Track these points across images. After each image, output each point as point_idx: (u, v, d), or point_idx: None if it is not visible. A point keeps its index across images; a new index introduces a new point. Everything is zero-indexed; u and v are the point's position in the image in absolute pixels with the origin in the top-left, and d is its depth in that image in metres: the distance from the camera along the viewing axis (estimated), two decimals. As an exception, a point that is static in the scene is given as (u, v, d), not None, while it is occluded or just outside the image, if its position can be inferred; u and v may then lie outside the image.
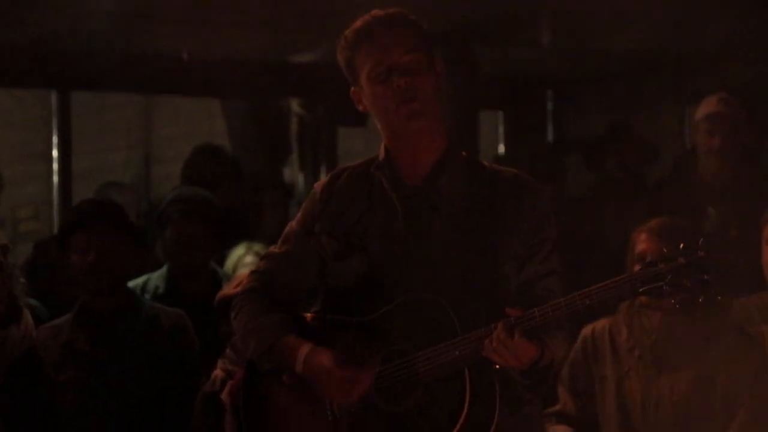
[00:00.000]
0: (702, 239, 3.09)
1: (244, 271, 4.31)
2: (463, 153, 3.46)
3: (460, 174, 3.40)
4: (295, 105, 8.04)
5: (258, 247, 6.16)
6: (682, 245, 3.10)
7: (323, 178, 3.60)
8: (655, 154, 6.98)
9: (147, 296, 5.35)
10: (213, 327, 4.77)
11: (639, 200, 6.40)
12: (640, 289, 3.12)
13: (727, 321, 4.68)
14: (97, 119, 8.43)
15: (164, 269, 5.53)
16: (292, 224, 3.56)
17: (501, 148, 8.34)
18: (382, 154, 3.45)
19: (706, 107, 5.93)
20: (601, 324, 4.73)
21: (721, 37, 6.77)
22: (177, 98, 8.46)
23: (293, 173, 8.12)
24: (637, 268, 4.57)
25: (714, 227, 5.64)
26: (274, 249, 3.57)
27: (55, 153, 7.33)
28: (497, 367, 3.21)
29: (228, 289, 4.39)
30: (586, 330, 4.74)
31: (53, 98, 7.28)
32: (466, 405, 3.22)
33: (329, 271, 3.48)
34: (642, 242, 4.63)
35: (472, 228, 3.34)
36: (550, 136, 8.33)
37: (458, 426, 3.22)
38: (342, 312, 3.44)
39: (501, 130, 8.35)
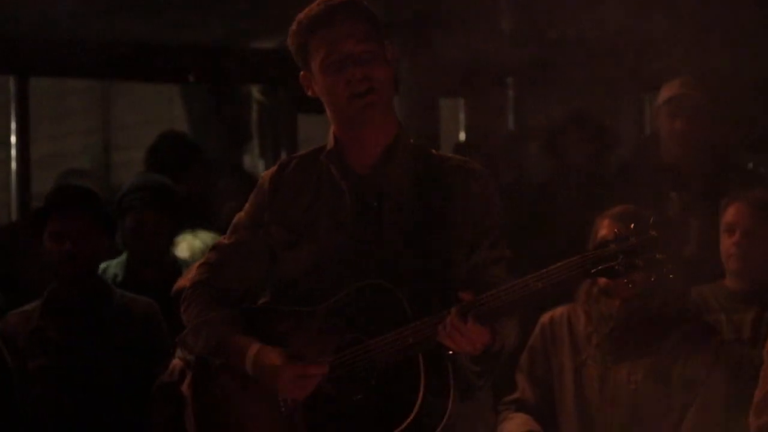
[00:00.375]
0: (653, 219, 3.09)
1: (198, 262, 4.28)
2: (411, 140, 3.45)
3: (408, 161, 3.39)
4: (255, 91, 8.01)
5: (204, 235, 6.14)
6: (633, 225, 3.10)
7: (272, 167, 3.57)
8: (616, 140, 6.99)
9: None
10: (172, 316, 4.75)
11: (599, 187, 6.41)
12: (592, 270, 3.10)
13: (685, 309, 4.70)
14: (56, 105, 8.39)
15: (123, 257, 5.51)
16: (241, 215, 3.53)
17: (462, 136, 8.34)
18: (331, 142, 3.42)
19: (668, 90, 5.94)
20: (560, 311, 4.74)
21: (681, 23, 6.78)
22: (136, 84, 8.43)
23: (254, 160, 8.11)
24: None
25: (677, 213, 5.65)
26: (223, 240, 3.54)
27: (13, 139, 7.27)
28: (450, 352, 3.21)
29: (185, 280, 4.37)
30: (545, 317, 4.75)
31: (11, 84, 7.21)
32: (421, 392, 3.21)
33: (279, 260, 3.46)
34: (604, 227, 4.64)
35: (421, 214, 3.34)
36: (511, 124, 8.33)
37: (413, 413, 3.20)
38: (293, 302, 3.42)
39: (462, 117, 8.35)
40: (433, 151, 3.49)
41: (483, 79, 8.04)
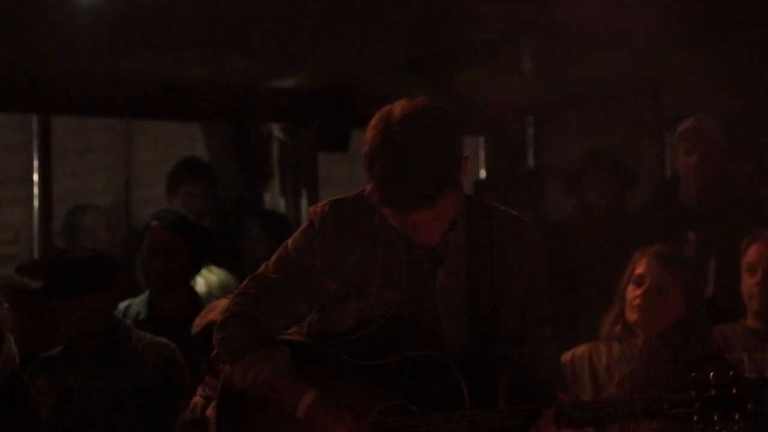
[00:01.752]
0: (732, 372, 3.12)
1: (218, 302, 4.28)
2: (467, 195, 3.38)
3: (466, 228, 3.33)
4: (276, 130, 8.03)
5: (218, 271, 6.16)
6: (712, 374, 3.14)
7: (319, 203, 3.44)
8: (635, 180, 6.99)
9: (128, 321, 5.34)
10: (193, 352, 4.76)
11: (619, 225, 6.41)
12: (668, 411, 3.15)
13: (707, 348, 4.68)
14: (78, 143, 8.43)
15: (145, 295, 5.53)
16: (289, 250, 3.43)
17: (482, 173, 8.35)
18: None
19: (684, 126, 5.95)
20: (581, 350, 4.73)
21: (701, 64, 6.79)
22: (157, 122, 8.45)
23: (274, 198, 8.12)
24: (631, 287, 4.63)
25: (693, 253, 5.65)
26: (267, 273, 3.45)
27: (35, 177, 7.30)
28: None
29: (199, 320, 4.36)
30: (566, 356, 4.74)
31: (34, 122, 7.25)
32: None
33: (326, 310, 3.41)
34: (642, 266, 4.64)
35: (475, 280, 3.31)
36: (530, 162, 8.33)
37: None
38: (336, 349, 3.36)
39: (482, 155, 8.36)
40: (487, 203, 3.42)
41: (503, 117, 8.06)
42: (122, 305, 5.44)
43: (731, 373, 3.12)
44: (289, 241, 3.45)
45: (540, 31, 6.67)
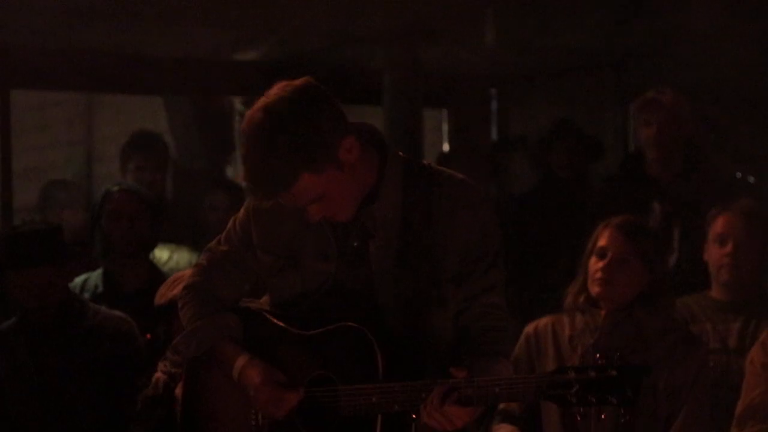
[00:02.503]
0: (618, 354, 3.05)
1: (184, 272, 4.27)
2: (400, 153, 3.38)
3: (396, 190, 3.32)
4: (238, 103, 8.01)
5: (181, 252, 6.16)
6: (598, 355, 3.07)
7: None
8: (600, 151, 7.00)
9: (86, 294, 5.34)
10: (154, 325, 4.76)
11: (584, 198, 6.42)
12: (548, 392, 3.07)
13: (670, 319, 4.69)
14: (38, 117, 8.35)
15: (103, 268, 5.51)
16: (235, 224, 3.54)
17: (445, 146, 8.35)
18: None
19: (642, 97, 5.96)
20: (544, 321, 4.73)
21: (663, 34, 6.80)
22: (119, 96, 8.40)
23: (236, 171, 8.09)
24: (594, 260, 4.63)
25: (658, 224, 5.66)
26: (217, 245, 3.58)
27: (-5, 152, 7.24)
28: (414, 416, 3.18)
29: (165, 290, 4.36)
30: (529, 327, 4.74)
31: (-7, 96, 7.18)
32: None
33: (267, 284, 3.49)
34: (605, 238, 4.63)
35: (409, 250, 3.30)
36: (493, 134, 8.34)
37: None
38: (287, 317, 3.43)
39: (445, 127, 8.36)
40: (426, 164, 3.40)
41: (466, 90, 8.06)
42: (79, 279, 5.43)
43: (616, 356, 3.05)
44: (237, 215, 3.54)
45: (503, 3, 6.66)
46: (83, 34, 6.81)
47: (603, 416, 3.04)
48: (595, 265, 4.64)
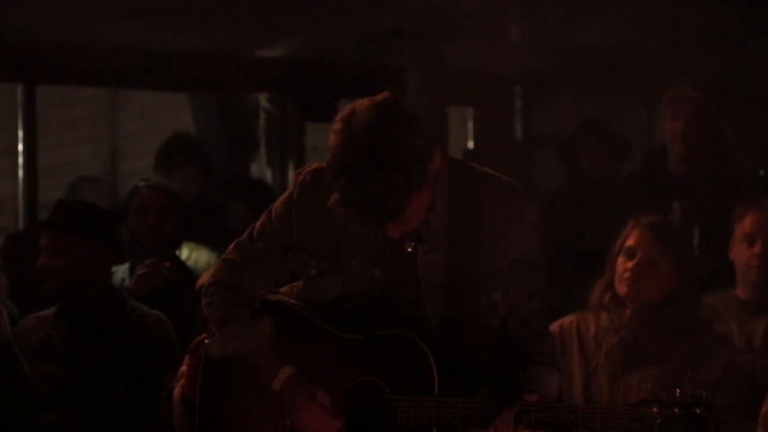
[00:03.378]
0: (701, 393, 3.04)
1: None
2: (452, 159, 3.32)
3: (444, 200, 3.25)
4: (263, 100, 8.00)
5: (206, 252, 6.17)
6: (678, 391, 3.06)
7: (303, 169, 3.40)
8: (628, 150, 6.98)
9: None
10: (181, 320, 4.78)
11: (610, 196, 6.40)
12: (629, 426, 3.06)
13: (696, 318, 4.67)
14: (63, 114, 8.39)
15: (129, 263, 5.53)
16: (272, 218, 3.42)
17: (470, 144, 8.33)
18: None
19: (670, 91, 5.94)
20: (569, 320, 4.72)
21: (690, 32, 6.77)
22: (144, 93, 8.42)
23: (261, 169, 8.10)
24: (623, 259, 4.60)
25: (679, 222, 5.63)
26: (250, 239, 3.46)
27: (20, 147, 7.26)
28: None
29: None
30: (554, 326, 4.71)
31: (19, 92, 7.20)
32: None
33: (306, 284, 3.41)
34: (634, 237, 4.61)
35: (458, 256, 3.25)
36: (518, 133, 8.32)
37: None
38: (324, 318, 3.36)
39: (470, 125, 8.34)
40: (476, 168, 3.33)
41: (491, 88, 8.04)
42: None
43: (700, 393, 3.04)
44: (273, 208, 3.44)
45: (528, 1, 6.64)
46: (108, 31, 6.83)
47: None
48: (623, 264, 4.62)
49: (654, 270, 4.57)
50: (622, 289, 4.61)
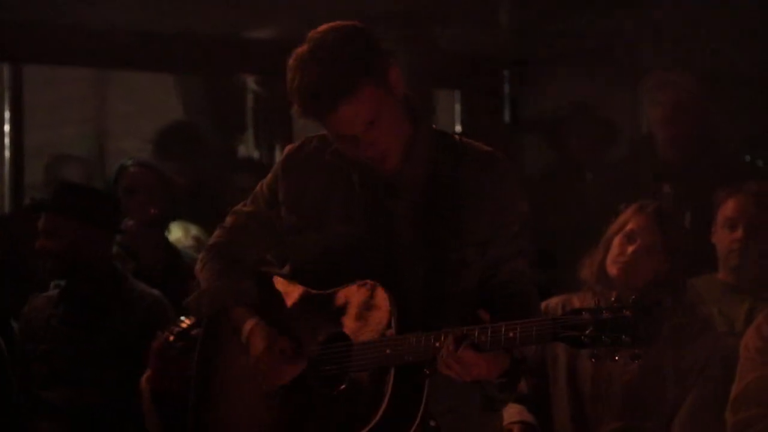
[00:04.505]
0: (635, 297, 3.01)
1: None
2: (433, 127, 3.40)
3: (426, 155, 3.33)
4: (251, 82, 8.00)
5: (195, 230, 6.17)
6: (614, 297, 3.03)
7: (292, 145, 3.53)
8: (615, 135, 6.99)
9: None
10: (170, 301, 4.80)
11: (599, 180, 6.41)
12: (561, 335, 3.03)
13: (680, 301, 4.69)
14: (51, 94, 8.35)
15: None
16: (263, 184, 3.54)
17: (457, 127, 8.33)
18: None
19: (653, 77, 5.94)
20: (554, 301, 4.73)
21: (678, 17, 6.78)
22: (132, 73, 8.40)
23: (249, 150, 8.09)
24: (621, 241, 4.62)
25: (669, 206, 5.64)
26: (242, 206, 3.57)
27: (6, 128, 7.25)
28: (427, 372, 3.17)
29: None
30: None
31: (5, 71, 7.19)
32: (382, 408, 3.19)
33: (287, 243, 3.49)
34: (636, 222, 4.65)
35: (435, 213, 3.30)
36: (506, 116, 8.32)
37: (370, 425, 3.19)
38: (307, 279, 3.43)
39: (457, 108, 8.34)
40: (456, 137, 3.42)
41: (479, 71, 8.04)
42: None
43: (633, 297, 3.02)
44: (265, 179, 3.56)
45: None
46: (96, 11, 6.81)
47: (616, 357, 2.99)
48: (620, 246, 4.63)
49: (651, 257, 4.59)
50: (613, 270, 4.62)
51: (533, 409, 4.64)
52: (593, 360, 3.06)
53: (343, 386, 3.28)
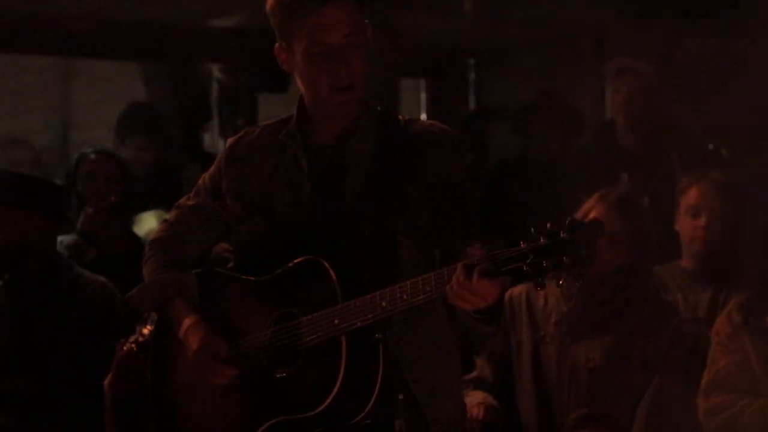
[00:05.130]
0: (570, 219, 2.99)
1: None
2: (378, 108, 3.42)
3: (372, 131, 3.37)
4: (215, 70, 7.98)
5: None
6: (549, 225, 3.02)
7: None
8: (581, 123, 7.01)
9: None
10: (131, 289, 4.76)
11: (564, 169, 6.43)
12: (503, 269, 3.01)
13: (644, 290, 4.71)
14: (15, 83, 8.32)
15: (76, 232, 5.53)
16: (205, 177, 3.55)
17: (423, 116, 8.34)
18: (295, 117, 3.42)
19: (612, 64, 5.96)
20: (519, 289, 4.74)
21: (643, 6, 6.80)
22: (96, 62, 8.37)
23: (214, 139, 8.08)
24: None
25: (631, 194, 5.66)
26: (185, 200, 3.57)
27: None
28: (377, 336, 3.18)
29: None
30: (504, 295, 4.74)
31: (-32, 61, 7.16)
32: (340, 377, 3.18)
33: (234, 233, 3.48)
34: (598, 211, 4.65)
35: (382, 187, 3.31)
36: (471, 104, 8.34)
37: (330, 398, 3.18)
38: (249, 270, 3.42)
39: (422, 97, 8.36)
40: (401, 117, 3.44)
41: (444, 60, 8.05)
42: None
43: (568, 220, 3.00)
44: (206, 172, 3.56)
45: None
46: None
47: (561, 282, 2.98)
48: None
49: (615, 246, 4.60)
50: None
51: (498, 397, 4.65)
52: (539, 289, 3.04)
53: (298, 363, 3.26)
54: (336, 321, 3.19)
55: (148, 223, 6.11)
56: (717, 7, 6.38)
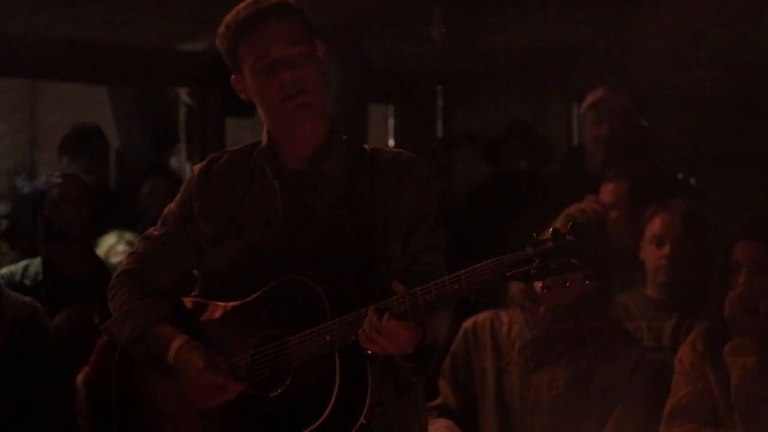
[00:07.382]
0: (572, 223, 3.06)
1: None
2: (344, 136, 3.46)
3: (342, 157, 3.40)
4: (183, 94, 7.98)
5: (129, 235, 6.16)
6: (551, 229, 3.07)
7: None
8: (550, 152, 7.03)
9: (27, 282, 5.32)
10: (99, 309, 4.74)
11: (533, 196, 6.44)
12: (508, 273, 3.07)
13: (607, 318, 4.72)
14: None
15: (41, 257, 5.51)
16: (171, 206, 3.54)
17: (390, 142, 8.36)
18: (264, 139, 3.44)
19: (593, 96, 5.97)
20: (483, 316, 4.75)
21: (609, 35, 6.84)
22: (63, 84, 8.35)
23: (181, 162, 8.07)
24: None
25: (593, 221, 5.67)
26: (153, 231, 3.55)
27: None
28: (368, 353, 3.18)
29: None
30: (468, 322, 4.75)
31: (-65, 82, 7.13)
32: (335, 392, 3.20)
33: (206, 256, 3.47)
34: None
35: (354, 210, 3.34)
36: (439, 131, 8.36)
37: (325, 414, 3.19)
38: (220, 296, 3.41)
39: (391, 123, 8.38)
40: (366, 146, 3.48)
41: (412, 86, 8.07)
42: (20, 265, 5.41)
43: (570, 224, 3.06)
44: (174, 200, 3.56)
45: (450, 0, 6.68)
46: (28, 21, 6.76)
47: (568, 284, 3.02)
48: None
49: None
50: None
51: (462, 425, 4.65)
52: (545, 291, 3.07)
53: (286, 384, 3.26)
54: (328, 337, 3.20)
55: (107, 240, 6.10)
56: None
